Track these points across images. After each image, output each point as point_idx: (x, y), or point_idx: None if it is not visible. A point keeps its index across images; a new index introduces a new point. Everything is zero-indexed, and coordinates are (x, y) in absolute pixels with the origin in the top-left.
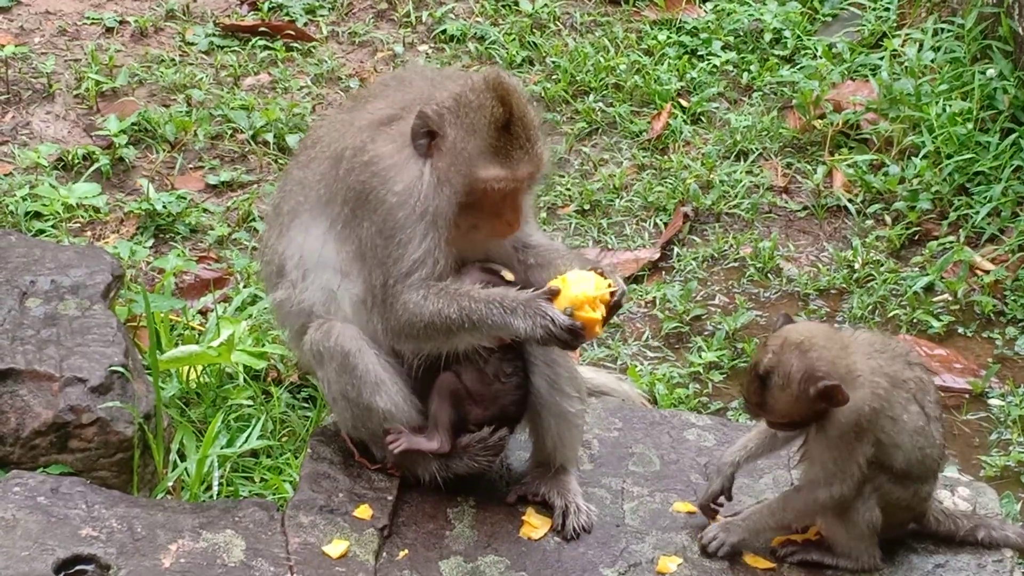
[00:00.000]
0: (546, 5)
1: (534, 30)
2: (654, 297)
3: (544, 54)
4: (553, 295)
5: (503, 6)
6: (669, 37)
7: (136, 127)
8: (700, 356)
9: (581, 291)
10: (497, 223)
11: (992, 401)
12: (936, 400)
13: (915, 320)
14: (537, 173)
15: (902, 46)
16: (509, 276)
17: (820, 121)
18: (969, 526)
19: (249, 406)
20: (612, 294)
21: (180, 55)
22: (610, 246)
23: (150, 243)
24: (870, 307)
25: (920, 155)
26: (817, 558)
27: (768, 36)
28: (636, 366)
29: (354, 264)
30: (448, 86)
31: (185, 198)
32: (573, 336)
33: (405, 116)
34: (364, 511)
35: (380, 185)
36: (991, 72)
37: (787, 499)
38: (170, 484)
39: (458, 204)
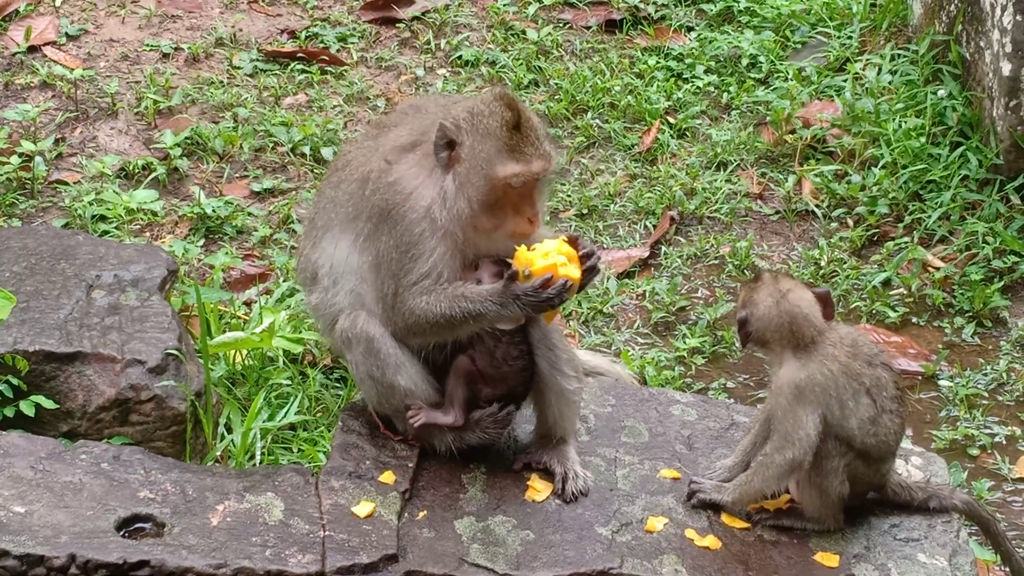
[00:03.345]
0: (550, 34)
1: (539, 56)
2: (644, 290)
3: (548, 77)
4: (514, 277)
5: (512, 35)
6: (658, 62)
7: (189, 141)
8: (684, 342)
9: (539, 251)
10: (518, 221)
11: (942, 383)
12: (894, 396)
13: (874, 311)
14: (549, 167)
15: (863, 70)
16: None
17: (791, 136)
18: (923, 497)
19: (288, 385)
20: (583, 253)
21: (228, 78)
22: (606, 245)
23: (201, 242)
24: (834, 300)
25: (879, 165)
26: (788, 524)
27: (745, 61)
28: (628, 351)
29: (370, 273)
30: (460, 105)
31: (232, 203)
32: (543, 294)
33: (424, 141)
34: (388, 477)
35: (402, 203)
36: (942, 92)
37: (759, 467)
38: (218, 453)
39: (480, 206)
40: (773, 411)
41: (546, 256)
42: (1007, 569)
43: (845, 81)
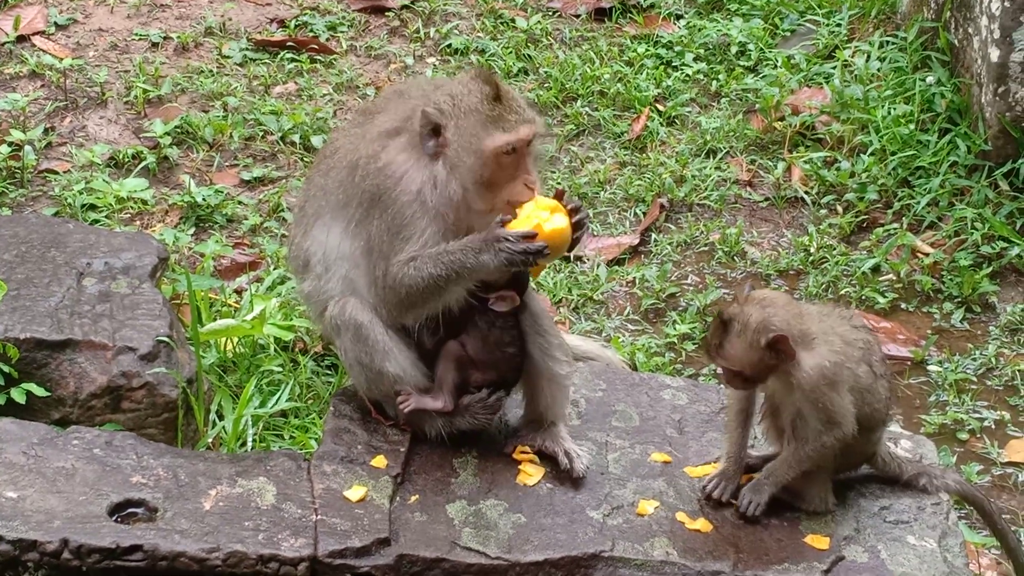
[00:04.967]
0: (539, 22)
1: (529, 44)
2: (634, 277)
3: (537, 65)
4: (505, 221)
5: (501, 23)
6: (647, 50)
7: (179, 130)
8: (675, 328)
9: (535, 206)
10: (515, 187)
11: (931, 368)
12: (881, 358)
13: (863, 297)
14: (535, 131)
15: (852, 57)
16: None
17: (780, 123)
18: (913, 472)
19: (279, 372)
20: (570, 208)
21: (217, 67)
22: (596, 233)
23: (191, 231)
24: (824, 286)
25: (868, 152)
26: (778, 494)
27: (734, 49)
28: (619, 337)
29: (362, 259)
30: (441, 90)
31: (222, 192)
32: (529, 245)
33: (408, 126)
34: (380, 461)
35: (393, 187)
36: (930, 79)
37: (798, 452)
38: (210, 440)
39: (475, 185)
40: (802, 405)
41: (528, 219)
42: (1001, 549)
43: (834, 68)
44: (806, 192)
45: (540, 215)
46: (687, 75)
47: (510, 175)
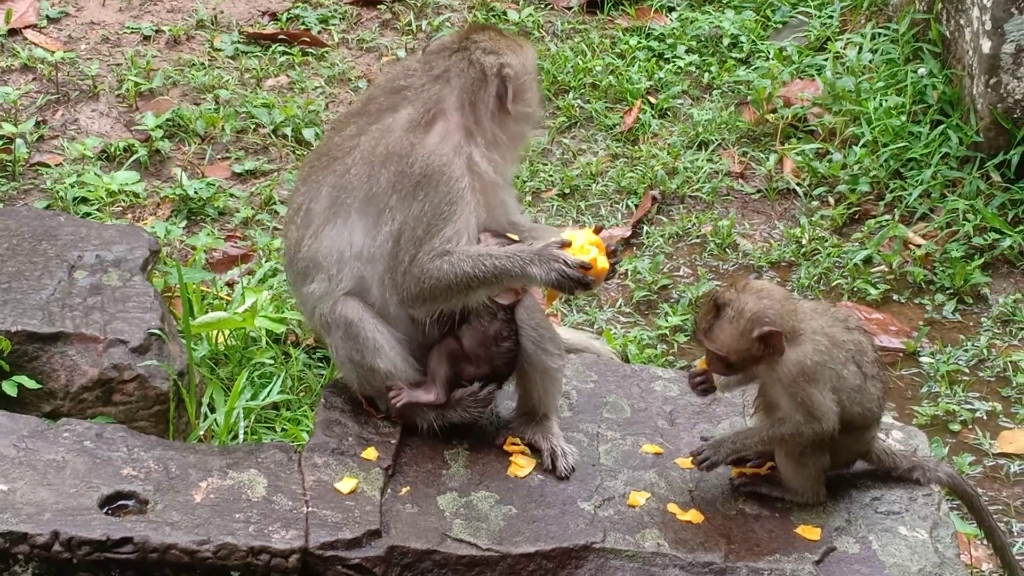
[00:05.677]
0: (531, 15)
1: (520, 37)
2: (626, 269)
3: None
4: (565, 244)
5: (493, 15)
6: (639, 42)
7: (170, 123)
8: (667, 320)
9: (586, 238)
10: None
11: (923, 359)
12: (874, 360)
13: (855, 288)
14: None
15: (844, 49)
16: (515, 238)
17: (772, 115)
18: (907, 466)
19: (270, 365)
20: (609, 250)
21: (209, 60)
22: (588, 225)
23: (183, 224)
24: (816, 277)
25: (860, 144)
26: (766, 491)
27: (726, 41)
28: (611, 329)
29: (385, 246)
30: (500, 46)
31: (214, 185)
32: (584, 275)
33: (442, 110)
34: (371, 453)
35: (448, 163)
36: (922, 71)
37: (773, 430)
38: (201, 433)
39: (513, 155)
40: (780, 397)
41: (583, 249)
42: (989, 544)
43: (826, 60)
44: (798, 184)
45: (592, 250)
46: (679, 67)
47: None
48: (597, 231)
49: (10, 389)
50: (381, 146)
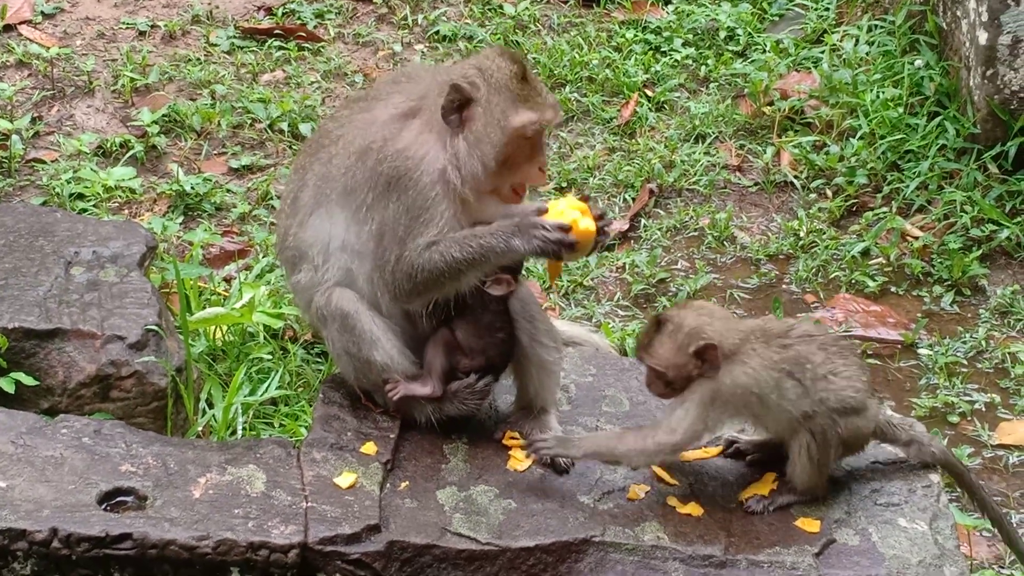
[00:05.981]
0: (527, 8)
1: (517, 30)
2: (624, 263)
3: (526, 51)
4: (542, 211)
5: (489, 9)
6: (636, 35)
7: (167, 118)
8: None
9: (567, 204)
10: (530, 172)
11: (921, 351)
12: (821, 362)
13: (853, 280)
14: (557, 115)
15: (840, 41)
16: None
17: (769, 108)
18: (906, 438)
19: (268, 360)
20: (597, 214)
21: (205, 55)
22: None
23: (180, 219)
24: (814, 270)
25: (857, 136)
26: (786, 501)
27: (723, 34)
28: (609, 323)
29: (370, 243)
30: (462, 66)
31: (210, 180)
32: (564, 236)
33: (424, 107)
34: (370, 448)
35: (414, 168)
36: (919, 63)
37: (625, 435)
38: (199, 429)
39: (494, 163)
40: (683, 398)
41: (562, 213)
42: (981, 513)
43: (823, 52)
44: (795, 176)
45: (573, 213)
46: (676, 60)
47: (525, 157)
48: (583, 200)
49: (7, 386)
50: (363, 136)
